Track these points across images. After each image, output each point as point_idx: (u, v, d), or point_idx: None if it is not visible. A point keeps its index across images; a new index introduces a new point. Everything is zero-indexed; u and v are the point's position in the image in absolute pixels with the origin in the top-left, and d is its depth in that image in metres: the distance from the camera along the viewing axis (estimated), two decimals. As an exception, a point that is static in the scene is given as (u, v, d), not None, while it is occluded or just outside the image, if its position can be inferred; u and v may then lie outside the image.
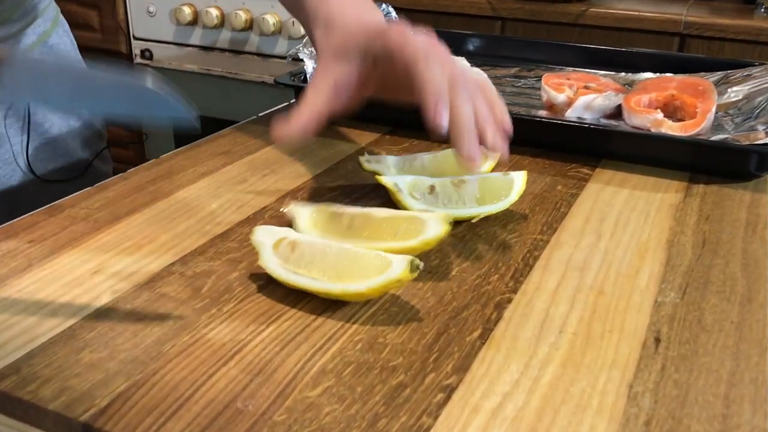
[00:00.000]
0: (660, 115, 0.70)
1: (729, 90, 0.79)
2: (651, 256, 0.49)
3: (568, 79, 0.80)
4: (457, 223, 0.52)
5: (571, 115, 0.74)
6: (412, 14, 1.50)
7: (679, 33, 1.33)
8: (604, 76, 0.85)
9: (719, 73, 0.83)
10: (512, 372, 0.37)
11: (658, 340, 0.40)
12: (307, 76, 0.77)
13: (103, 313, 0.41)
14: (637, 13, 1.36)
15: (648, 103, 0.74)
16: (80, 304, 0.42)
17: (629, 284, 0.45)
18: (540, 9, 1.41)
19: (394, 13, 0.95)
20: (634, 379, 0.36)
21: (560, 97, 0.76)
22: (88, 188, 0.57)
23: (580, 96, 0.75)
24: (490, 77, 0.83)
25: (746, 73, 0.81)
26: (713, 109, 0.70)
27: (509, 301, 0.43)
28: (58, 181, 0.73)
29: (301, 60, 0.78)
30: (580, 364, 0.37)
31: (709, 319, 0.42)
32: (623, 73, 0.88)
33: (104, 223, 0.52)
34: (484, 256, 0.48)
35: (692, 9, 1.38)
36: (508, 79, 0.89)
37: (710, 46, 1.33)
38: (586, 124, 0.70)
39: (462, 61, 0.88)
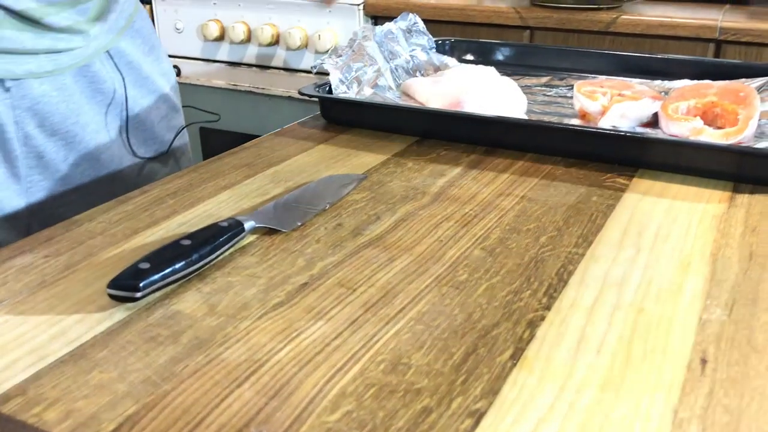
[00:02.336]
0: (699, 122, 0.66)
1: None
2: (694, 271, 0.46)
3: (602, 86, 0.77)
4: (485, 236, 0.50)
5: (605, 123, 0.71)
6: (438, 25, 1.49)
7: (715, 39, 1.29)
8: (639, 83, 0.82)
9: (760, 79, 0.79)
10: (546, 396, 0.34)
11: (704, 362, 0.37)
12: (332, 87, 0.76)
13: (116, 331, 0.39)
14: (670, 19, 1.32)
15: (686, 110, 0.71)
16: (92, 322, 0.40)
17: (671, 301, 0.42)
18: (569, 17, 1.38)
19: (421, 24, 0.94)
20: (679, 404, 0.33)
21: (594, 106, 0.73)
22: (108, 202, 0.56)
23: (615, 104, 0.72)
24: (521, 86, 0.81)
25: None
26: (757, 116, 0.67)
27: (542, 318, 0.40)
28: (150, 159, 0.79)
29: (327, 72, 0.76)
30: (620, 388, 0.35)
31: (760, 338, 0.39)
32: (659, 81, 0.85)
33: (122, 238, 0.50)
34: (515, 271, 0.46)
35: (728, 14, 1.33)
36: (538, 88, 0.87)
37: (747, 52, 1.29)
38: (622, 131, 0.67)
39: (491, 71, 0.85)
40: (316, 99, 0.75)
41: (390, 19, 0.92)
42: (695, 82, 0.82)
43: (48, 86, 0.64)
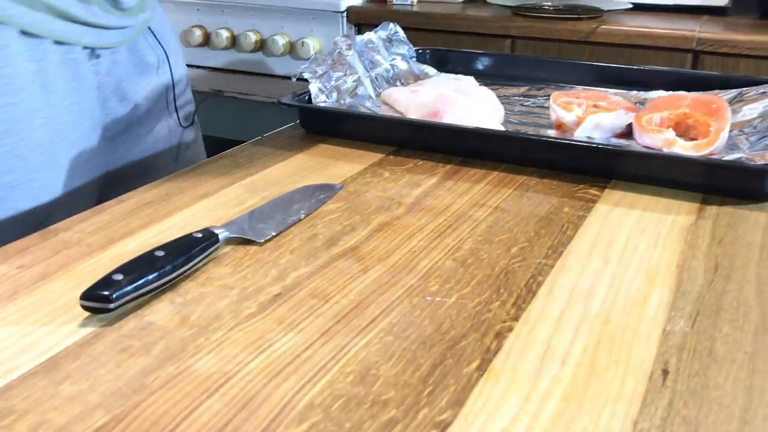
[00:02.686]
0: (672, 134, 0.68)
1: (744, 108, 0.77)
2: (660, 282, 0.47)
3: (578, 97, 0.78)
4: (458, 247, 0.50)
5: (580, 134, 0.73)
6: (421, 33, 1.49)
7: (693, 50, 1.31)
8: (615, 94, 0.84)
9: (734, 90, 0.81)
10: (511, 407, 0.35)
11: (666, 372, 0.38)
12: (312, 96, 0.76)
13: (88, 342, 0.40)
14: (648, 29, 1.34)
15: (660, 121, 0.72)
16: (65, 333, 0.40)
17: (637, 312, 0.43)
18: (550, 27, 1.40)
19: (401, 33, 0.94)
20: (639, 415, 0.34)
21: (569, 117, 0.74)
22: (84, 211, 0.56)
23: (590, 115, 0.73)
24: (499, 96, 0.82)
25: (762, 91, 0.79)
26: (727, 128, 0.68)
27: (510, 329, 0.41)
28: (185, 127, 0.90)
29: (306, 80, 0.77)
30: (582, 399, 0.35)
31: (720, 349, 0.40)
32: (635, 91, 0.86)
33: (97, 248, 0.51)
34: (485, 282, 0.46)
35: (706, 25, 1.35)
36: (516, 98, 0.88)
37: (724, 63, 1.31)
38: (594, 143, 0.68)
39: (470, 81, 0.86)
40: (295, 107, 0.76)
41: (373, 26, 0.92)
42: (670, 93, 0.84)
43: (116, 56, 0.74)
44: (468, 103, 0.75)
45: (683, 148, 0.66)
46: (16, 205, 0.64)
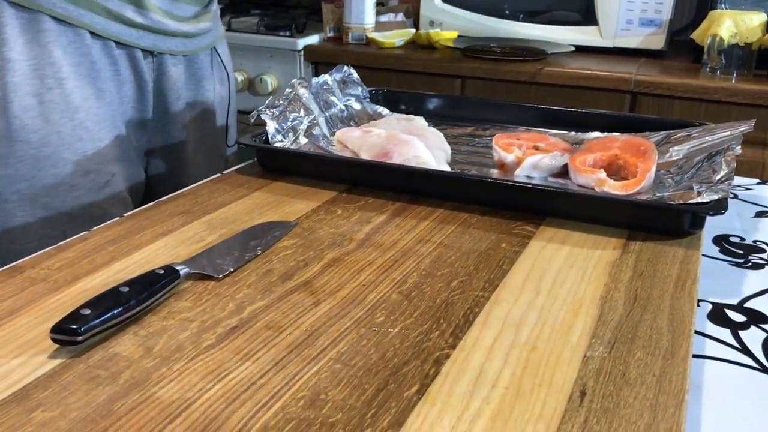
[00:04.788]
0: (602, 174, 0.74)
1: (671, 149, 0.84)
2: (584, 312, 0.52)
3: (518, 139, 0.84)
4: (403, 280, 0.55)
5: (520, 174, 0.78)
6: (375, 72, 1.55)
7: (630, 91, 1.40)
8: (555, 135, 0.90)
9: (662, 132, 0.88)
10: (444, 426, 0.39)
11: (583, 394, 0.42)
12: (269, 137, 0.80)
13: (58, 373, 0.43)
14: (590, 71, 1.42)
15: (593, 162, 0.78)
16: (35, 364, 0.43)
17: (561, 340, 0.48)
18: (497, 68, 1.47)
19: (356, 75, 1.00)
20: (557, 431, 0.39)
21: (509, 157, 0.80)
22: (49, 248, 0.59)
23: (528, 156, 0.79)
24: (447, 136, 0.87)
25: (686, 133, 0.86)
26: (653, 169, 0.75)
27: (447, 357, 0.46)
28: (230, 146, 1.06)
29: (264, 122, 0.81)
30: (508, 419, 0.40)
31: (633, 372, 0.45)
32: (573, 132, 0.93)
33: (63, 284, 0.53)
34: (427, 313, 0.51)
35: (642, 68, 1.44)
36: (464, 138, 0.93)
37: (660, 104, 1.39)
38: (529, 184, 0.74)
39: (420, 121, 0.92)
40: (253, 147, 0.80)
41: (329, 64, 0.98)
42: (605, 134, 0.91)
43: (176, 61, 0.88)
44: (416, 143, 0.80)
45: (613, 187, 0.72)
46: (86, 167, 0.79)
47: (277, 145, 0.80)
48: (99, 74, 0.78)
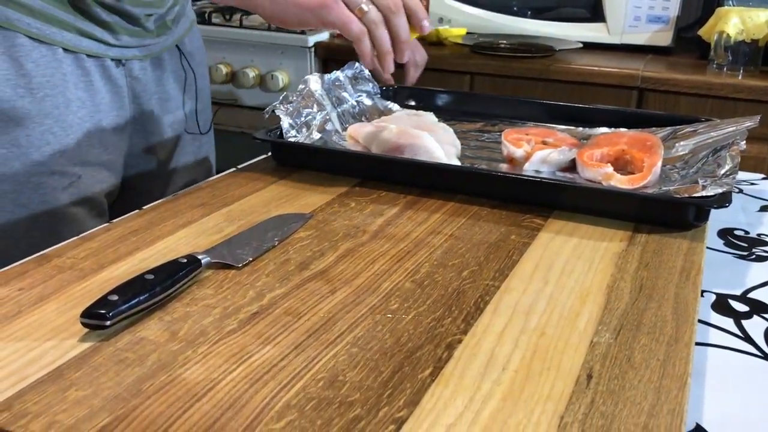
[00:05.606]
0: (609, 168, 0.75)
1: (677, 144, 0.85)
2: (591, 300, 0.53)
3: (527, 134, 0.86)
4: (416, 270, 0.57)
5: (529, 168, 0.80)
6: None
7: (637, 87, 1.41)
8: (563, 130, 0.92)
9: (669, 128, 0.89)
10: (457, 406, 0.41)
11: (590, 377, 0.44)
12: (283, 132, 0.82)
13: (88, 355, 0.45)
14: (597, 68, 1.43)
15: (600, 157, 0.80)
16: (66, 347, 0.45)
17: (569, 326, 0.50)
18: (505, 65, 1.49)
19: (366, 72, 1.01)
20: (565, 411, 0.41)
21: (518, 152, 0.81)
22: (74, 238, 0.62)
23: (537, 151, 0.81)
24: (457, 132, 0.89)
25: (692, 129, 0.87)
26: (659, 164, 0.76)
27: (459, 342, 0.48)
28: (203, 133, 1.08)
29: (278, 116, 0.83)
30: (518, 399, 0.42)
31: (638, 357, 0.46)
32: (581, 128, 0.94)
33: (89, 272, 0.56)
34: (439, 301, 0.53)
35: (649, 64, 1.46)
36: (473, 133, 0.95)
37: (666, 100, 1.41)
38: (538, 177, 0.75)
39: (430, 117, 0.94)
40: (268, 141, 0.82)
41: (339, 61, 0.99)
42: (612, 130, 0.92)
43: (144, 65, 0.91)
44: (427, 139, 0.82)
45: (619, 181, 0.74)
46: (51, 168, 0.82)
47: (291, 140, 0.83)
48: (68, 85, 0.81)
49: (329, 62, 1.67)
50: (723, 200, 0.65)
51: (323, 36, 1.70)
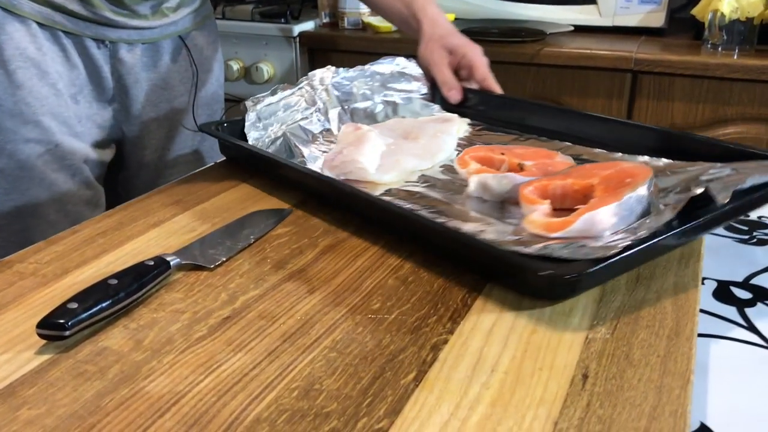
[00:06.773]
0: (544, 206, 0.57)
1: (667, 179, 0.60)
2: (585, 293, 0.50)
3: (503, 153, 0.68)
4: (400, 266, 0.54)
5: (473, 193, 0.64)
6: (372, 57, 1.53)
7: (631, 70, 1.37)
8: (597, 154, 0.70)
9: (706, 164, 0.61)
10: (443, 413, 0.38)
11: (585, 377, 0.41)
12: (246, 125, 0.75)
13: (45, 369, 0.42)
14: (590, 51, 1.40)
15: (547, 191, 0.60)
16: (21, 360, 0.42)
17: (562, 322, 0.47)
18: (496, 50, 1.45)
19: (415, 68, 0.93)
20: (559, 416, 0.38)
21: (462, 173, 0.68)
22: (39, 242, 0.58)
23: (478, 173, 0.65)
24: (477, 142, 0.74)
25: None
26: (603, 210, 0.53)
27: (445, 342, 0.44)
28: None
29: (246, 111, 0.77)
30: (508, 404, 0.39)
31: (636, 353, 0.43)
32: (620, 154, 0.69)
33: (52, 278, 0.52)
34: (424, 298, 0.50)
35: (642, 46, 1.42)
36: (497, 145, 0.74)
37: (661, 82, 1.37)
38: (395, 207, 0.60)
39: (456, 123, 0.80)
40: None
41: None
42: (646, 158, 0.66)
43: (132, 49, 0.90)
44: (367, 146, 0.72)
45: (533, 224, 0.55)
46: (26, 136, 0.83)
47: (252, 134, 0.75)
48: (45, 58, 0.82)
49: (315, 52, 1.63)
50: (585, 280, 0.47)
51: (308, 25, 1.66)
